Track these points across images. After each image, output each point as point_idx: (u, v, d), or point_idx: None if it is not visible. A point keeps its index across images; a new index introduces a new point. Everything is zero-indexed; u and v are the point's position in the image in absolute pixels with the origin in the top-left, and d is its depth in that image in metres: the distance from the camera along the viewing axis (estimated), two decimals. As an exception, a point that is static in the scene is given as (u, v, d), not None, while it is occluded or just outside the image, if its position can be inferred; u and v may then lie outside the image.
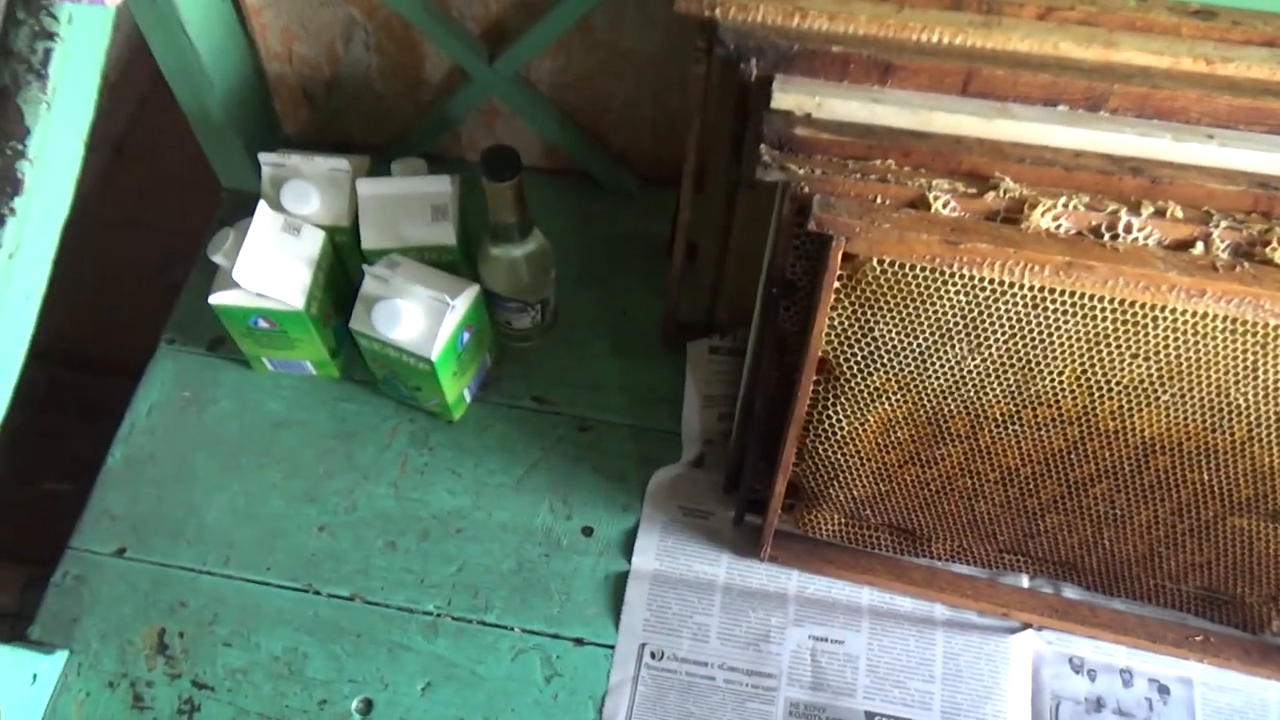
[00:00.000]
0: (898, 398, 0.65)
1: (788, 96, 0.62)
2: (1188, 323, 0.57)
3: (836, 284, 0.59)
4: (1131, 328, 0.58)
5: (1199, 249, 0.57)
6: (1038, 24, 0.64)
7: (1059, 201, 0.57)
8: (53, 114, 0.56)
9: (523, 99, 0.91)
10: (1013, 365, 0.61)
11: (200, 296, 0.80)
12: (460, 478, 0.84)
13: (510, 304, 0.84)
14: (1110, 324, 0.58)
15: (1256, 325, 0.57)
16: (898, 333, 0.61)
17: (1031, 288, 0.57)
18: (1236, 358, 0.58)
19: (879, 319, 0.60)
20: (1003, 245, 0.56)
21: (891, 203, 0.58)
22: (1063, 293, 0.57)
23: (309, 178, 0.82)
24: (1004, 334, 0.59)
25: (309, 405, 0.87)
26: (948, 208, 0.58)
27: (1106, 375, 0.60)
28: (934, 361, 0.62)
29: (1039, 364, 0.61)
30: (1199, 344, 0.58)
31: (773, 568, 0.80)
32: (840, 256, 0.57)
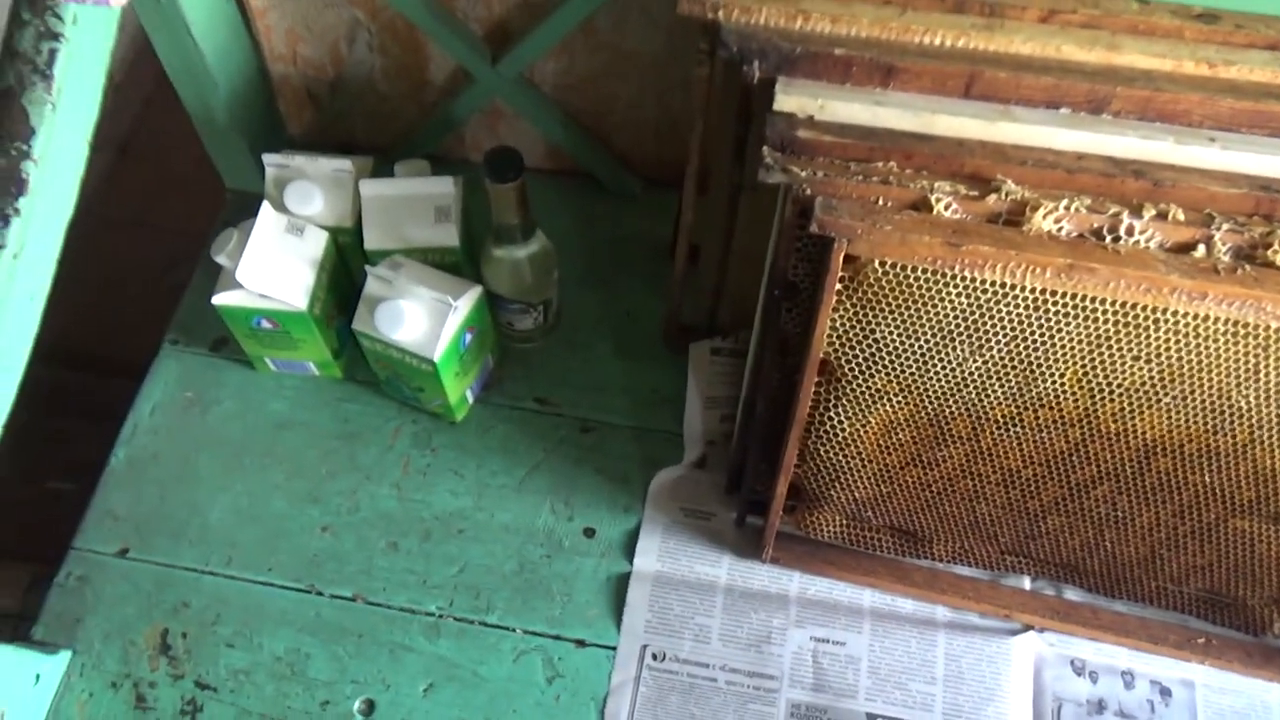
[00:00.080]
0: (899, 399, 0.65)
1: (790, 99, 0.62)
2: (1189, 325, 0.57)
3: (838, 286, 0.59)
4: (1133, 330, 0.58)
5: (1200, 252, 0.57)
6: (1040, 27, 0.64)
7: (1061, 204, 0.57)
8: (57, 114, 0.56)
9: (526, 100, 0.91)
10: (1014, 367, 0.61)
11: (204, 297, 0.80)
12: (462, 479, 0.84)
13: (513, 305, 0.84)
14: (1112, 326, 0.58)
15: (1258, 328, 0.57)
16: (899, 335, 0.61)
17: (1033, 290, 0.57)
18: (1238, 360, 0.58)
19: (880, 321, 0.60)
20: (1004, 248, 0.56)
21: (893, 205, 0.58)
22: (1064, 295, 0.57)
23: (312, 179, 0.82)
24: (1005, 336, 0.60)
25: (312, 406, 0.88)
26: (949, 210, 0.58)
27: (1108, 377, 0.60)
28: (935, 363, 0.62)
29: (1040, 366, 0.61)
30: (1200, 346, 0.58)
31: (774, 569, 0.80)
32: (842, 258, 0.57)
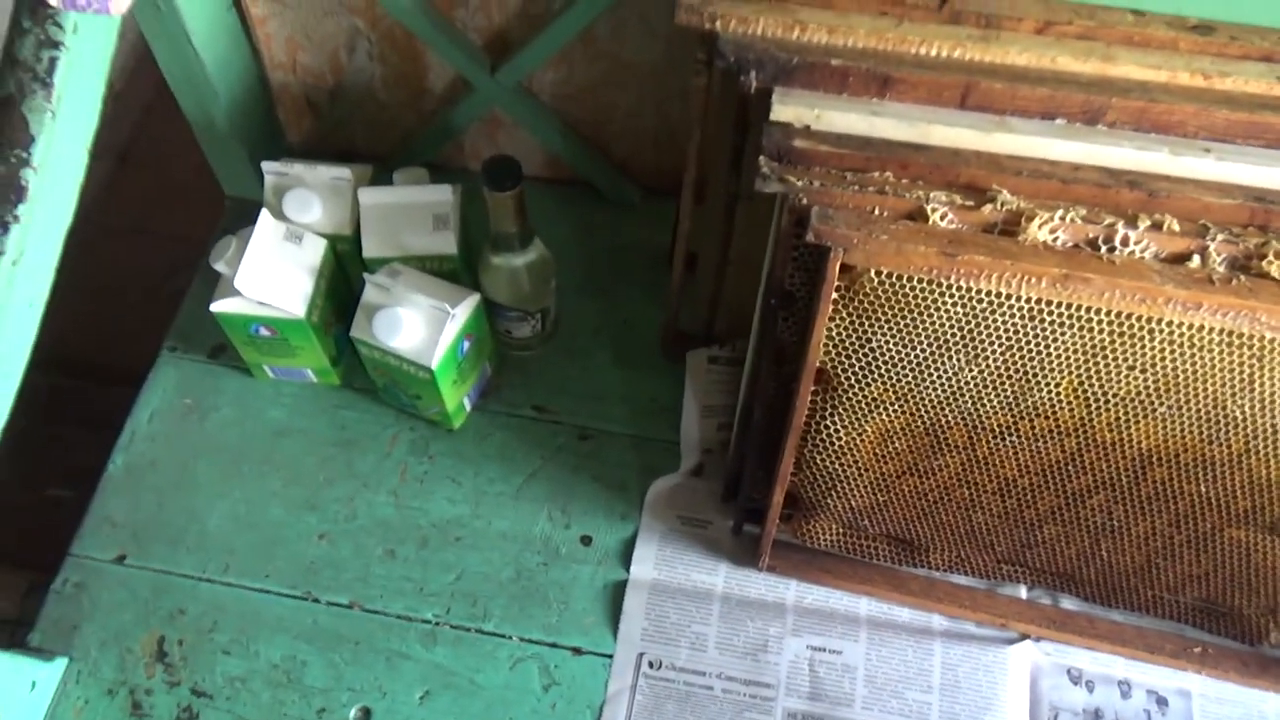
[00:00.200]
0: (895, 408, 0.65)
1: (787, 109, 0.62)
2: (1184, 335, 0.57)
3: (834, 295, 0.59)
4: (1128, 340, 0.58)
5: (1195, 262, 0.57)
6: (1036, 38, 0.64)
7: (1056, 214, 0.57)
8: (57, 122, 0.56)
9: (525, 109, 0.92)
10: (1010, 376, 0.61)
11: (203, 304, 0.80)
12: (460, 486, 0.84)
13: (511, 313, 0.84)
14: (1107, 336, 0.58)
15: (1253, 338, 0.57)
16: (895, 344, 0.61)
17: (1028, 300, 0.57)
18: (1233, 370, 0.58)
19: (877, 330, 0.61)
20: (1000, 257, 0.56)
21: (889, 215, 0.59)
22: (1060, 305, 0.57)
23: (311, 186, 0.83)
24: (1001, 345, 0.60)
25: (310, 413, 0.88)
26: (945, 220, 0.58)
27: (1103, 387, 0.61)
28: (931, 372, 0.62)
29: (1036, 375, 0.61)
30: (1195, 356, 0.58)
31: (771, 577, 0.80)
32: (838, 267, 0.58)
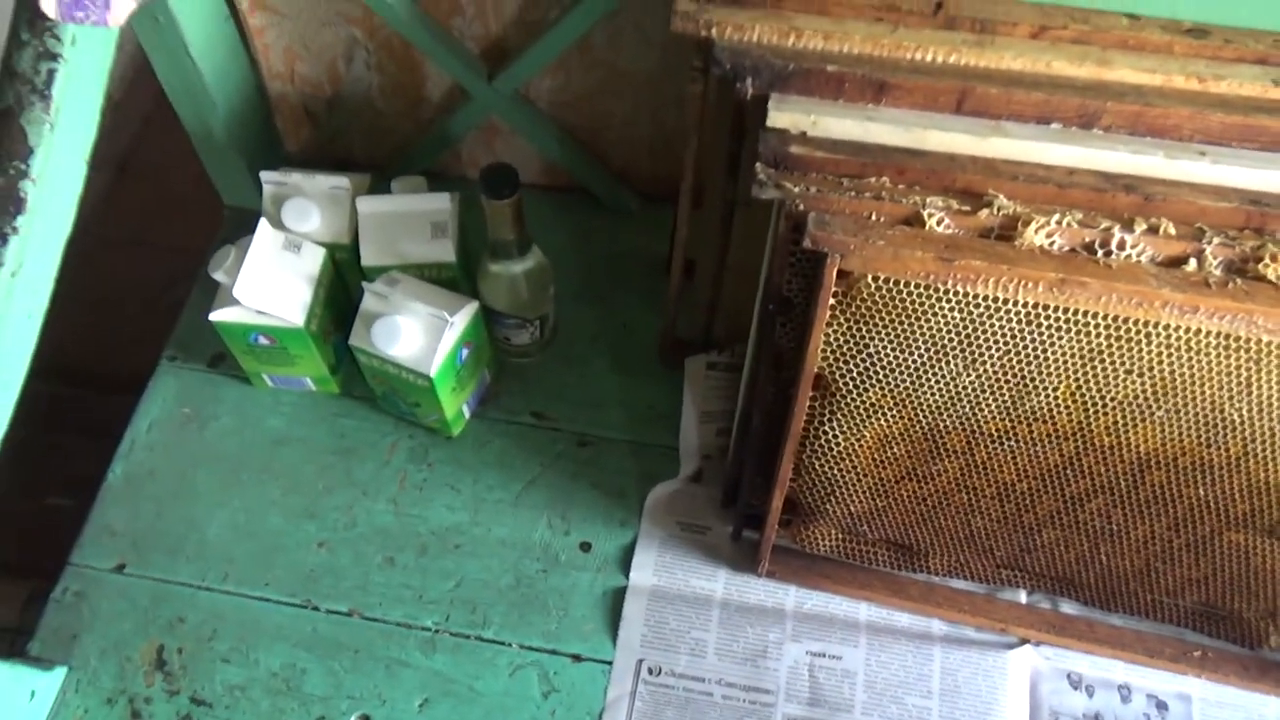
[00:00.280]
0: (893, 413, 0.65)
1: (783, 115, 0.62)
2: (1181, 339, 0.57)
3: (832, 301, 0.60)
4: (1125, 344, 0.58)
5: (1191, 265, 0.57)
6: (1031, 43, 0.64)
7: (1052, 219, 0.57)
8: (56, 134, 0.57)
9: (522, 117, 0.92)
10: (1007, 381, 0.61)
11: (202, 314, 0.80)
12: (459, 493, 0.84)
13: (509, 320, 0.84)
14: (1104, 340, 0.58)
15: (1249, 341, 0.57)
16: (893, 349, 0.61)
17: (1025, 304, 0.58)
18: (1230, 374, 0.58)
19: (874, 335, 0.61)
20: (997, 262, 0.56)
21: (886, 220, 0.59)
22: (1056, 309, 0.57)
23: (310, 195, 0.83)
24: (998, 350, 0.60)
25: (309, 421, 0.88)
26: (942, 225, 0.58)
27: (1101, 391, 0.61)
28: (929, 377, 0.62)
29: (1034, 380, 0.61)
30: (1192, 360, 0.58)
31: (770, 583, 0.80)
32: (835, 273, 0.58)
